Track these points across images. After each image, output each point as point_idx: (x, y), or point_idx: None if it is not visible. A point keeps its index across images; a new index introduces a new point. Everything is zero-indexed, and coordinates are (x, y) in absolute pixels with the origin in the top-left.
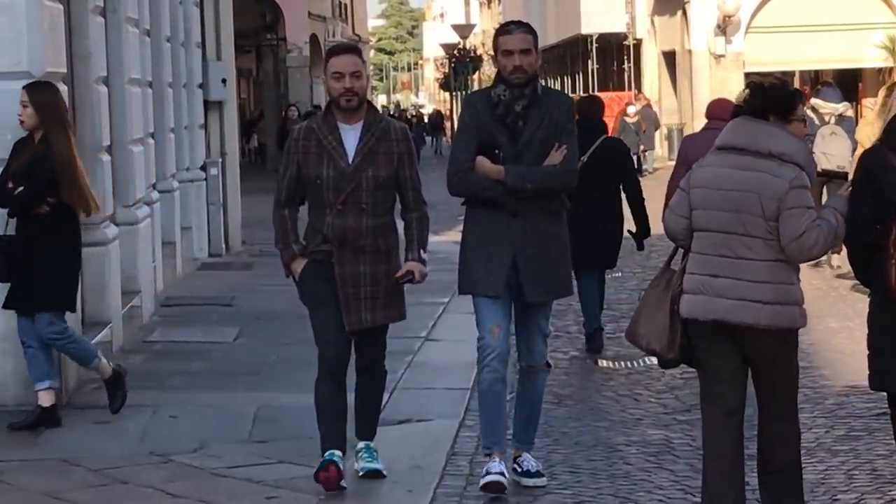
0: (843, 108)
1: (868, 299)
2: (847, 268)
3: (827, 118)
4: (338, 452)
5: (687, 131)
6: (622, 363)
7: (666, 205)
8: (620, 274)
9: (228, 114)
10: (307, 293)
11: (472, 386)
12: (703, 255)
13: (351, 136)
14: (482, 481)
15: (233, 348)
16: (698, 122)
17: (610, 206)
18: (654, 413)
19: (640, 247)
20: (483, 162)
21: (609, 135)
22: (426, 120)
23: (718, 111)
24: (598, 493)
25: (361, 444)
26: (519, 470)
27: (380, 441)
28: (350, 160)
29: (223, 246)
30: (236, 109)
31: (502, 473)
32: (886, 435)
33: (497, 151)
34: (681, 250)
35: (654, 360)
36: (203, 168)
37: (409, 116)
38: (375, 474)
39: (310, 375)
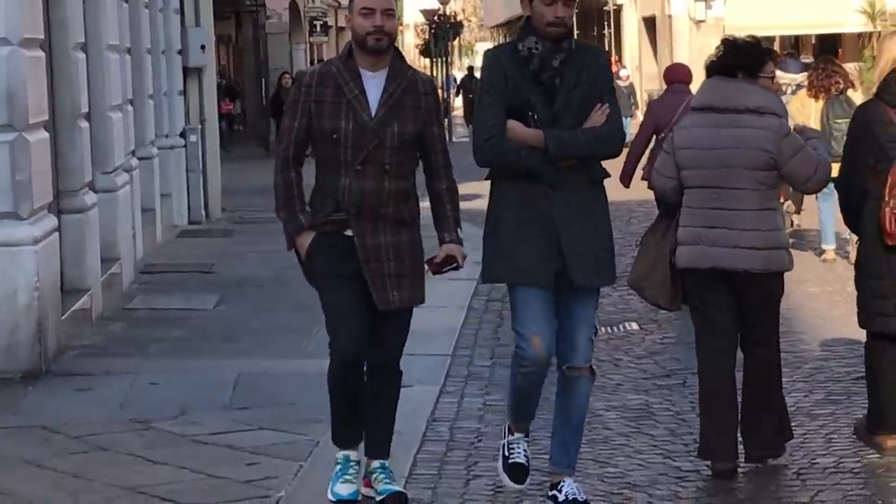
0: (802, 77)
1: (846, 263)
2: (807, 224)
3: (785, 88)
4: (355, 454)
5: None
6: (602, 329)
7: (626, 166)
8: None
9: (208, 80)
10: (319, 271)
11: (453, 352)
12: (696, 209)
13: (373, 85)
14: (512, 460)
15: (213, 315)
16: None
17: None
18: (634, 378)
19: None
20: (517, 127)
21: None
22: None
23: (677, 74)
24: (578, 458)
25: (376, 464)
26: (560, 498)
27: None
28: (373, 112)
29: (203, 213)
30: (215, 76)
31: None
32: (865, 398)
33: (531, 114)
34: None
35: (635, 325)
36: (182, 135)
37: None
38: (398, 498)
39: (290, 341)
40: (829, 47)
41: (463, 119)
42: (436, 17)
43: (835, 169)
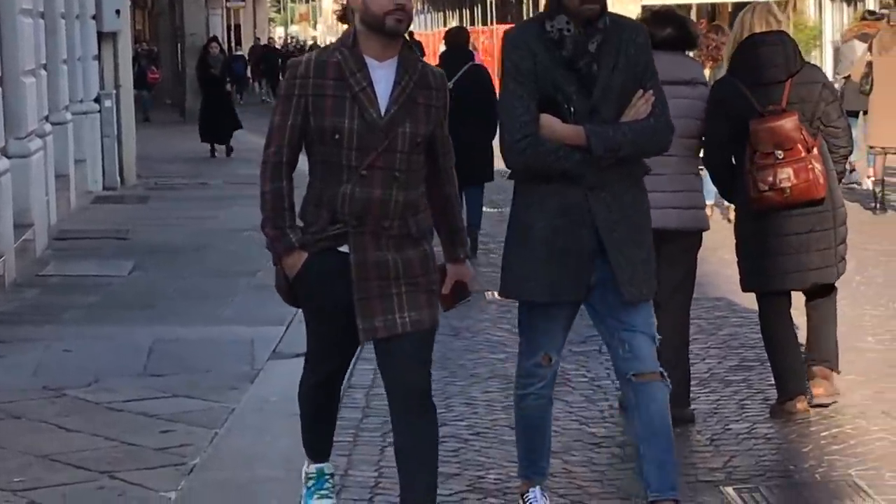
0: None
1: None
2: None
3: None
4: (329, 466)
5: None
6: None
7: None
8: (502, 210)
9: (122, 45)
10: (313, 295)
11: None
12: None
13: (382, 77)
14: None
15: (128, 282)
16: None
17: (482, 125)
18: None
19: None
20: (554, 123)
21: (475, 62)
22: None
23: None
24: (494, 424)
25: None
26: None
27: (276, 374)
28: (383, 109)
29: (118, 179)
30: (130, 41)
31: None
32: None
33: (567, 107)
34: None
35: None
36: (97, 100)
37: (307, 48)
38: None
39: (206, 308)
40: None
41: None
42: None
43: None
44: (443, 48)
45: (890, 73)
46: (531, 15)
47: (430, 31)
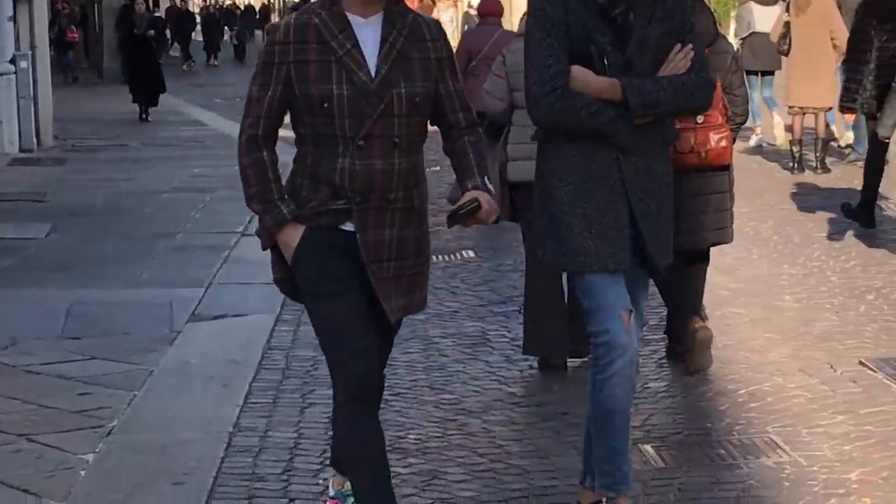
0: None
1: None
2: None
3: None
4: None
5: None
6: (439, 256)
7: None
8: (438, 168)
9: (38, 5)
10: (310, 278)
11: None
12: (524, 126)
13: (368, 34)
14: None
15: (45, 244)
16: (515, 18)
17: None
18: (471, 306)
19: None
20: (586, 74)
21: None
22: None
23: (489, 8)
24: (414, 384)
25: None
26: None
27: (195, 336)
28: (373, 70)
29: (34, 141)
30: (46, 1)
31: None
32: None
33: (602, 59)
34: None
35: (471, 253)
36: (12, 61)
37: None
38: None
39: (124, 270)
40: None
41: None
42: None
43: None
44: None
45: (807, 33)
46: None
47: None
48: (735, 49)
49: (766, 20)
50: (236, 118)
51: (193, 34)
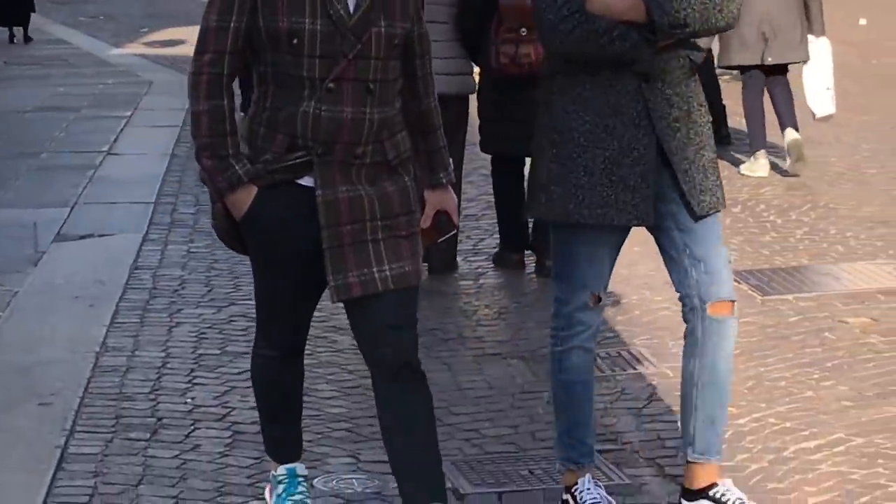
0: None
1: None
2: None
3: None
4: (301, 467)
5: None
6: None
7: None
8: None
9: None
10: (268, 240)
11: (156, 200)
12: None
13: None
14: None
15: None
16: None
17: None
18: None
19: None
20: None
21: None
22: None
23: None
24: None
25: None
26: None
27: (60, 257)
28: (351, 5)
29: None
30: None
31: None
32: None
33: None
34: None
35: None
36: None
37: None
38: None
39: None
40: None
41: None
42: None
43: None
44: None
45: None
46: None
47: None
48: None
49: None
50: (101, 37)
51: None
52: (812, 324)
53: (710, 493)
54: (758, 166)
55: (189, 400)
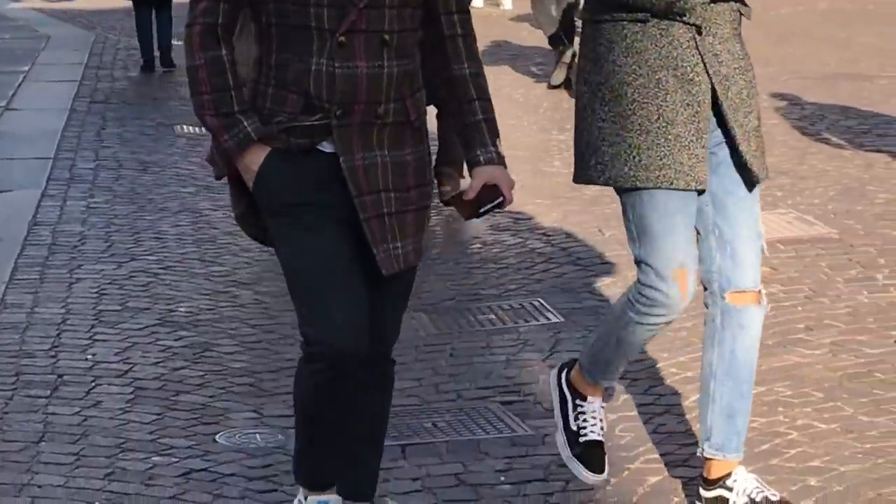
0: None
1: None
2: None
3: None
4: (336, 499)
5: None
6: (195, 129)
7: None
8: None
9: None
10: (278, 211)
11: (55, 155)
12: None
13: None
14: (586, 437)
15: None
16: None
17: None
18: None
19: None
20: None
21: None
22: None
23: None
24: (184, 257)
25: None
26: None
27: None
28: None
29: None
30: None
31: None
32: None
33: None
34: None
35: None
36: None
37: None
38: None
39: None
40: None
41: None
42: None
43: None
44: None
45: None
46: None
47: None
48: None
49: None
50: None
51: None
52: None
53: (724, 481)
54: None
55: (90, 356)
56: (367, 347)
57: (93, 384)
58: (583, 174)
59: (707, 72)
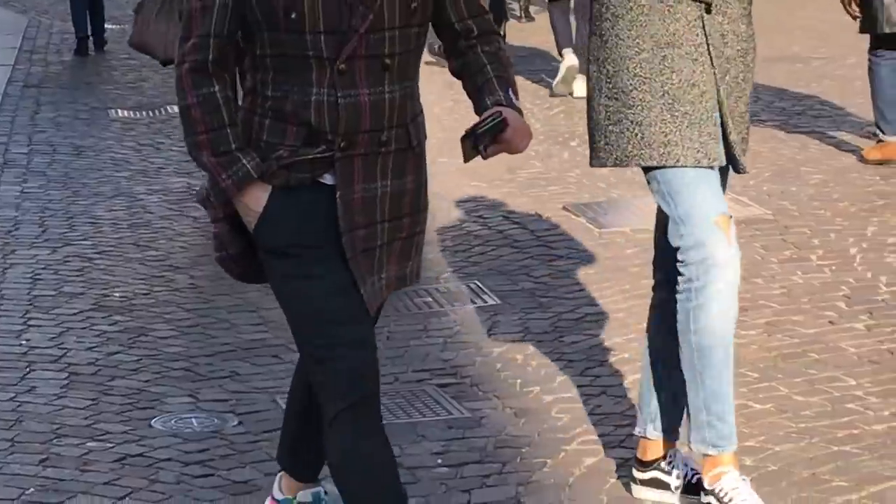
0: None
1: None
2: None
3: None
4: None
5: None
6: (142, 112)
7: None
8: None
9: None
10: (290, 243)
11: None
12: None
13: None
14: None
15: None
16: None
17: None
18: (176, 161)
19: None
20: None
21: None
22: None
23: None
24: (119, 242)
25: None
26: (674, 481)
27: None
28: None
29: None
30: None
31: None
32: None
33: None
34: None
35: (176, 108)
36: None
37: None
38: None
39: None
40: None
41: None
42: None
43: None
44: None
45: None
46: None
47: None
48: None
49: None
50: None
51: None
52: (649, 255)
53: (661, 464)
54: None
55: (24, 342)
56: (377, 375)
57: (27, 370)
58: (595, 157)
59: (710, 53)
